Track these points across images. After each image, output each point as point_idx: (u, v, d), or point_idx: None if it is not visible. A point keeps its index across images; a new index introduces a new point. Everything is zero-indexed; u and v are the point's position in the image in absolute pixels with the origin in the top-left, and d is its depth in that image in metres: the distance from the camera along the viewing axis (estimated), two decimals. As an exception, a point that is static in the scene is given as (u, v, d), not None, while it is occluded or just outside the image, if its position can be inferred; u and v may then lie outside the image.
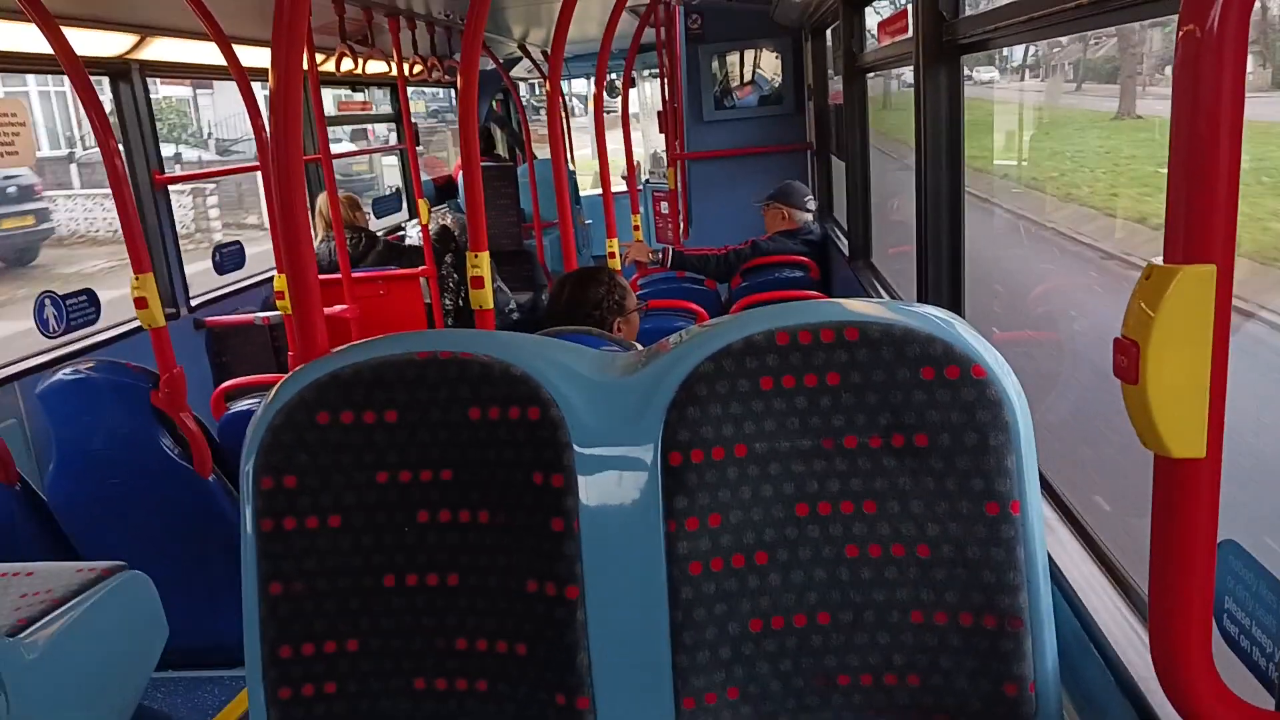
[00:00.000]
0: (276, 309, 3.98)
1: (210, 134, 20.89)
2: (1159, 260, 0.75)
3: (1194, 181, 0.72)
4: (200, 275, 4.66)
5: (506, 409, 1.26)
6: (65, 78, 2.75)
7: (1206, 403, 0.75)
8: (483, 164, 2.38)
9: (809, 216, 4.80)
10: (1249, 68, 0.71)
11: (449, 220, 5.87)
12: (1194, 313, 0.73)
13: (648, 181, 8.79)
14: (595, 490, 1.24)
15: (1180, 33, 0.72)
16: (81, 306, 3.52)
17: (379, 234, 5.84)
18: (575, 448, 1.24)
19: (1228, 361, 0.75)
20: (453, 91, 8.64)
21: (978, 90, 3.55)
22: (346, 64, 4.25)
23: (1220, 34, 0.69)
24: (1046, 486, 1.64)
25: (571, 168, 7.94)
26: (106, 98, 3.71)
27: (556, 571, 1.23)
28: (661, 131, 6.42)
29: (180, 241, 4.41)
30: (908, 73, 3.05)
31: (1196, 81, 0.71)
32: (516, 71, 8.43)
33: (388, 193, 7.16)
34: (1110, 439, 2.20)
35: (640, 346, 2.28)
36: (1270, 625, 0.95)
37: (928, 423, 1.19)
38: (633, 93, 7.17)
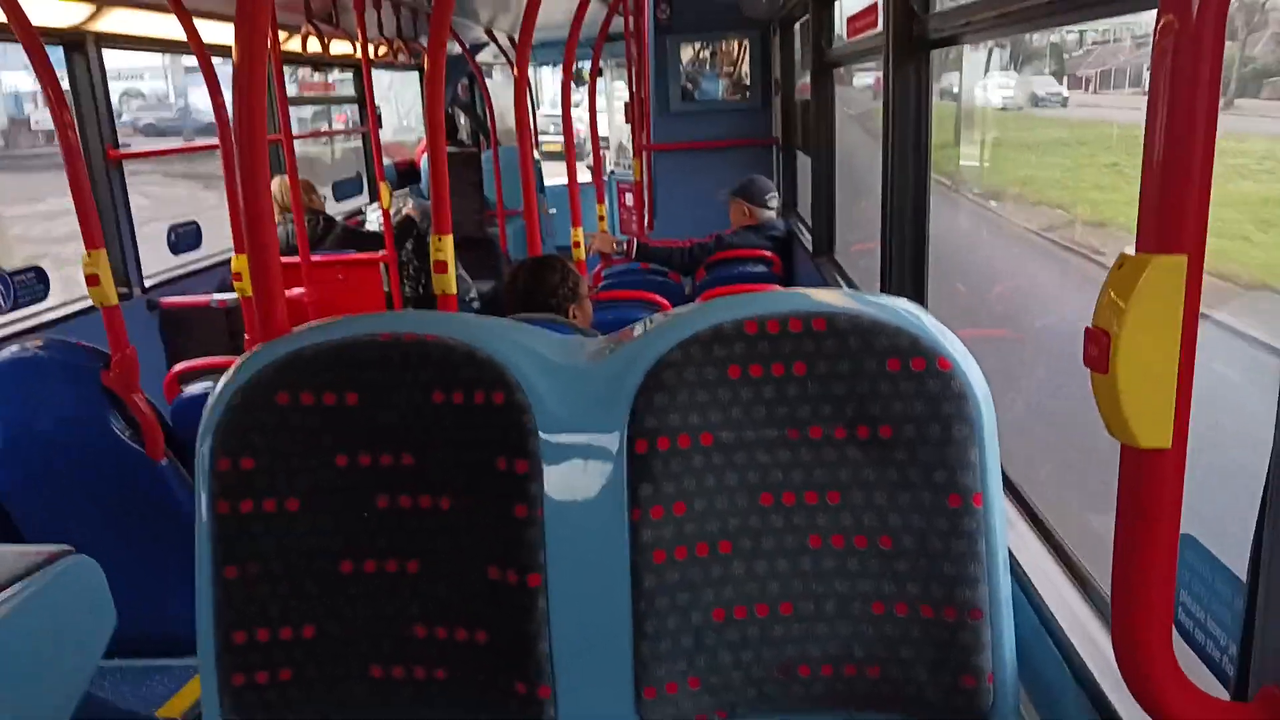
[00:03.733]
0: (233, 291, 3.90)
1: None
2: (1132, 250, 0.75)
3: (1168, 172, 0.72)
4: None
5: (471, 393, 1.24)
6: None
7: (1174, 393, 0.76)
8: (446, 149, 2.36)
9: (771, 214, 4.81)
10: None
11: (410, 206, 5.80)
12: (1165, 302, 0.74)
13: (613, 172, 8.77)
14: (559, 477, 1.23)
15: (1159, 24, 0.72)
16: (29, 283, 3.43)
17: (337, 218, 5.76)
18: (540, 434, 1.22)
19: (1195, 352, 0.76)
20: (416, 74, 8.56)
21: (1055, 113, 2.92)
22: (311, 44, 4.18)
23: (1199, 26, 0.70)
24: (1007, 481, 1.66)
25: (536, 155, 7.90)
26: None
27: (518, 559, 1.22)
28: (627, 122, 6.40)
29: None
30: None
31: (1174, 73, 0.71)
32: (482, 56, 8.36)
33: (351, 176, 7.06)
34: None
35: (599, 333, 2.27)
36: (1225, 618, 0.96)
37: (892, 414, 1.19)
38: (598, 82, 7.16)
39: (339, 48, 4.93)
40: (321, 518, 1.26)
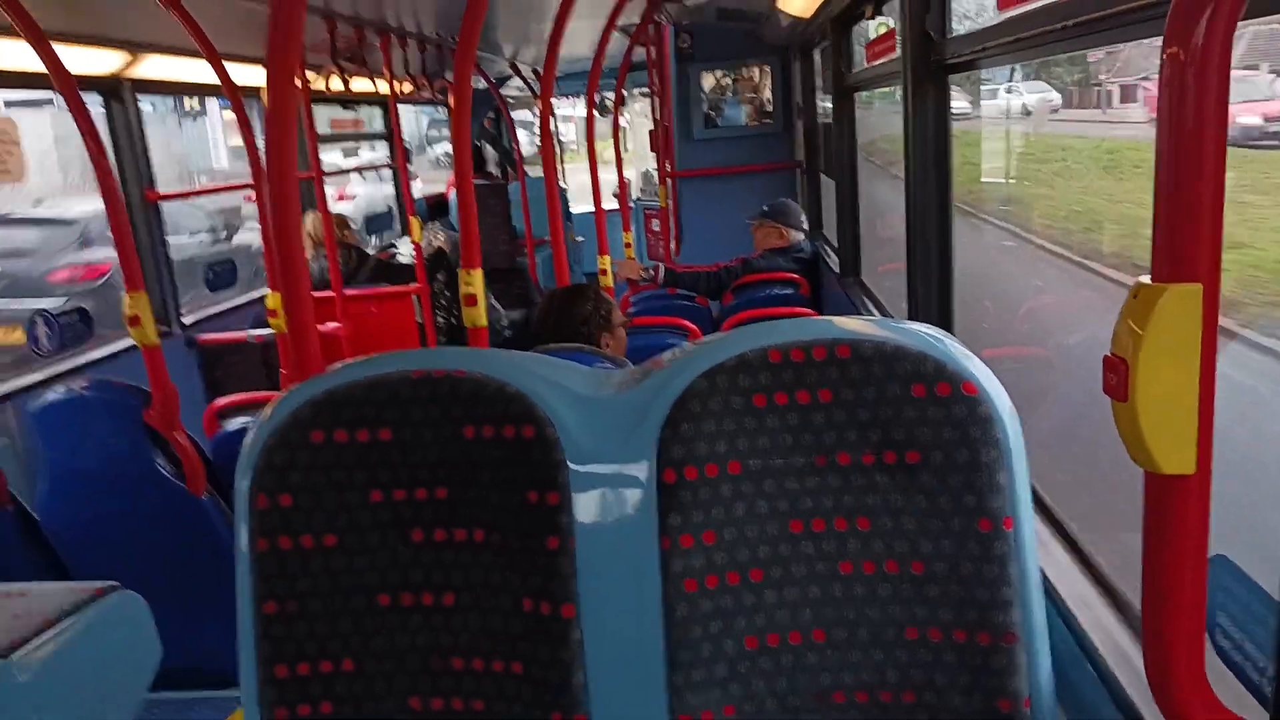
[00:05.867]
0: (269, 327, 3.98)
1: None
2: (1148, 279, 0.76)
3: (1180, 201, 0.73)
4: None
5: (501, 427, 1.26)
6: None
7: (1195, 419, 0.76)
8: (474, 182, 2.40)
9: (801, 235, 4.84)
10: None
11: (440, 238, 5.88)
12: (1181, 330, 0.74)
13: (638, 199, 8.82)
14: (590, 508, 1.24)
15: (1165, 54, 0.73)
16: (73, 324, 3.51)
17: (370, 251, 5.85)
18: (570, 465, 1.24)
19: (1215, 378, 0.76)
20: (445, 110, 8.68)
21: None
22: (337, 82, 4.27)
23: (1204, 55, 0.71)
24: (1038, 501, 1.65)
25: (563, 185, 7.98)
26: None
27: (551, 590, 1.24)
28: (652, 150, 6.46)
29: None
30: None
31: (1181, 102, 0.72)
32: (508, 90, 8.47)
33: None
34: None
35: (629, 362, 2.29)
36: (1262, 639, 0.96)
37: (919, 440, 1.20)
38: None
39: (366, 85, 5.03)
40: (358, 553, 1.29)
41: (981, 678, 1.19)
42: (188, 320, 4.45)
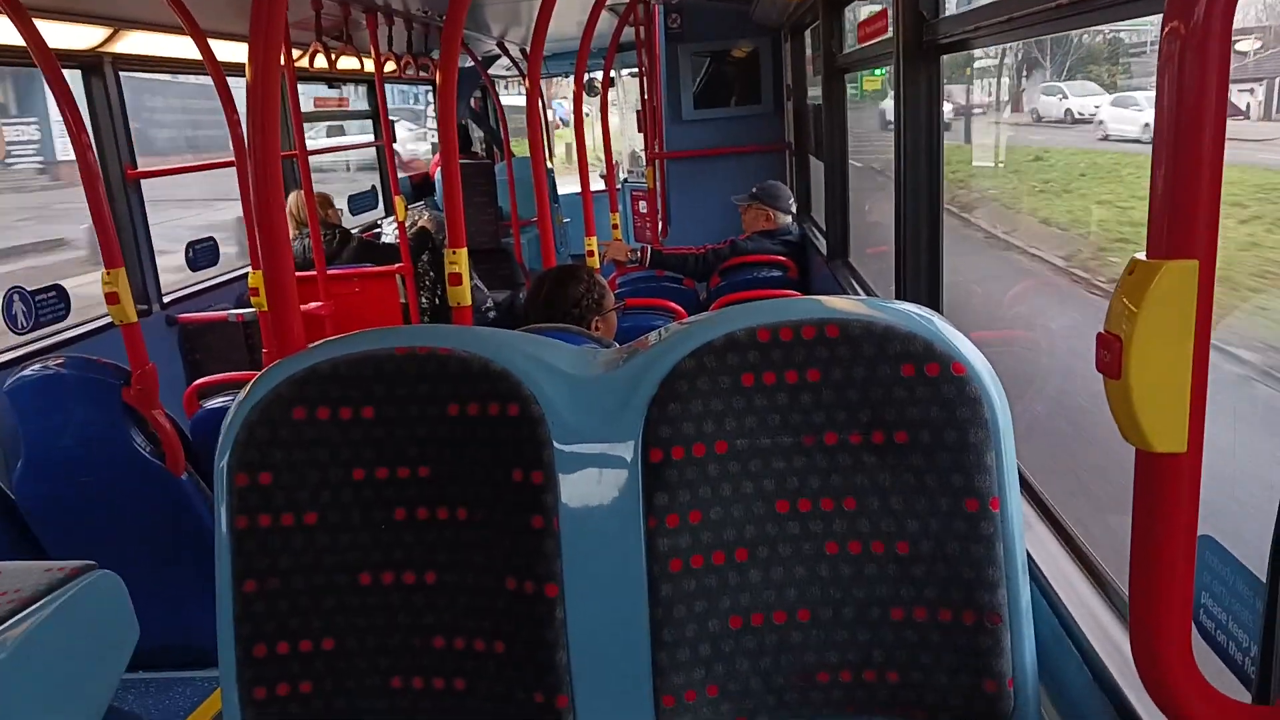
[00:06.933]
0: (250, 306, 3.94)
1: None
2: (1143, 256, 0.75)
3: (1177, 177, 0.72)
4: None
5: (486, 405, 1.25)
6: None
7: (1188, 398, 0.76)
8: (460, 161, 2.37)
9: (789, 218, 4.83)
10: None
11: (425, 218, 5.84)
12: (1177, 307, 0.73)
13: (626, 180, 8.79)
14: (575, 487, 1.23)
15: (1164, 29, 0.72)
16: (51, 302, 3.47)
17: (353, 231, 5.79)
18: (555, 444, 1.23)
19: (1209, 356, 0.75)
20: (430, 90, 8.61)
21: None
22: (322, 60, 4.21)
23: (1204, 31, 0.70)
24: (1025, 484, 1.65)
25: (549, 166, 7.94)
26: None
27: (535, 569, 1.22)
28: (640, 130, 6.42)
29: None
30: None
31: (1180, 78, 0.71)
32: (495, 69, 8.40)
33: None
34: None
35: (618, 345, 2.27)
36: (1246, 620, 0.95)
37: (908, 419, 1.19)
38: (610, 92, 7.19)
39: (352, 64, 4.97)
40: (340, 531, 1.27)
41: (966, 657, 1.19)
42: (168, 299, 4.40)
